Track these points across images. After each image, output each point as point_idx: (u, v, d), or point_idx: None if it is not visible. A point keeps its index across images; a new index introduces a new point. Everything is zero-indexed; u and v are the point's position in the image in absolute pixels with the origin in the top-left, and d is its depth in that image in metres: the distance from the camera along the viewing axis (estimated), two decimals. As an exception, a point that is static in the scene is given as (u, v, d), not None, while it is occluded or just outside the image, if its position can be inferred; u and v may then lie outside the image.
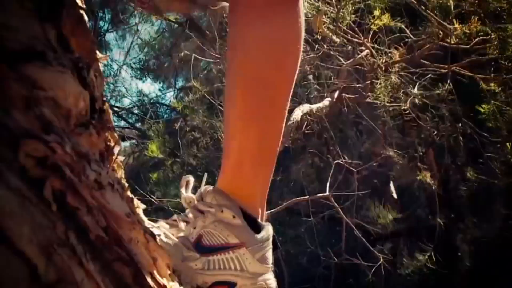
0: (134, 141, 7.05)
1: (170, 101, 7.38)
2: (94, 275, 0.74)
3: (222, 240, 1.04)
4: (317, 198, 3.29)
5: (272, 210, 2.96)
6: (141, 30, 7.37)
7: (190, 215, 1.10)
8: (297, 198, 3.35)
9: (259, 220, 1.09)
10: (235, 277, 1.05)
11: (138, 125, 7.39)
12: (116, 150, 0.92)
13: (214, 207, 1.04)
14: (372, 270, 3.39)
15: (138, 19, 7.16)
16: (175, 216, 1.14)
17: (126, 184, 0.95)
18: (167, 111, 7.56)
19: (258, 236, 1.06)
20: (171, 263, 0.86)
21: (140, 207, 1.00)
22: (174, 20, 6.68)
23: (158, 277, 0.80)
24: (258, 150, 1.04)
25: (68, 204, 0.73)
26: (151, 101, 7.59)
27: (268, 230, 1.09)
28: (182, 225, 1.11)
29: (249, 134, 1.02)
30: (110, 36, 7.59)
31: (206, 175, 1.14)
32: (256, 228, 1.07)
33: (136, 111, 7.41)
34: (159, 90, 7.92)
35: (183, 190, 1.12)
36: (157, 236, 0.92)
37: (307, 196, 3.43)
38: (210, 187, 1.08)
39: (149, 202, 3.67)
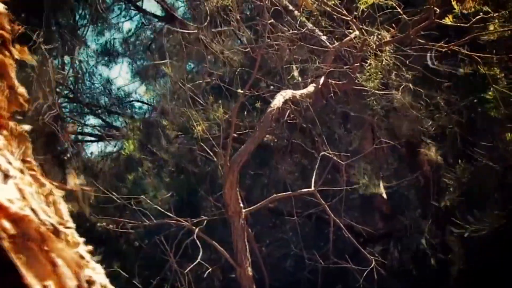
0: (110, 141, 6.79)
1: (153, 100, 7.13)
2: None
3: None
4: (301, 194, 3.02)
5: (251, 208, 2.69)
6: (120, 25, 7.13)
7: None
8: (279, 194, 3.07)
9: None
10: None
11: (115, 123, 7.11)
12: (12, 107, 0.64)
13: None
14: (364, 274, 3.13)
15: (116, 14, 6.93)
16: None
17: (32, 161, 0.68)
18: (151, 110, 7.29)
19: None
20: (83, 270, 0.59)
21: (54, 194, 0.73)
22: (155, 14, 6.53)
23: (54, 291, 0.53)
24: None
25: None
26: (130, 100, 7.33)
27: None
28: None
29: None
30: (88, 32, 7.27)
31: None
32: None
33: (113, 110, 7.11)
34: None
35: None
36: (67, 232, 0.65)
37: (290, 192, 3.16)
38: None
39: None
